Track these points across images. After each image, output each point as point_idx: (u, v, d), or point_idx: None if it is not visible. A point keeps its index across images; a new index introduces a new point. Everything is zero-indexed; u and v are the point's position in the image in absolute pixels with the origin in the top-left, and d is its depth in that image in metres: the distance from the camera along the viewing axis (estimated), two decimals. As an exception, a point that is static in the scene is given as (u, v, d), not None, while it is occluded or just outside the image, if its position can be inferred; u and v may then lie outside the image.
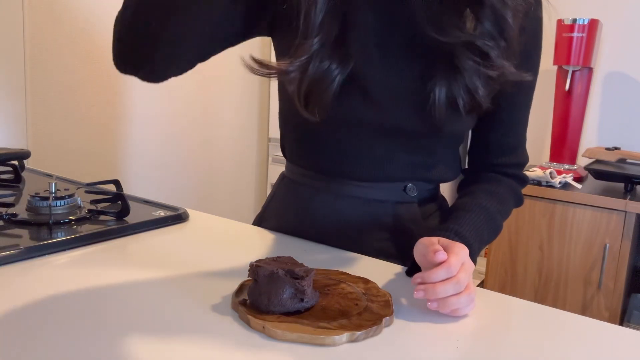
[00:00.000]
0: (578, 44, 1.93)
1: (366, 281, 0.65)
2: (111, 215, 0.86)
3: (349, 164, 0.78)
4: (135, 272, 0.66)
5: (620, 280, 1.75)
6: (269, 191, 2.66)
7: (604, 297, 1.78)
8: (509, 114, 0.79)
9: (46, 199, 0.85)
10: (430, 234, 0.67)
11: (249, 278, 0.58)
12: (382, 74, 0.71)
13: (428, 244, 0.62)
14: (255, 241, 0.83)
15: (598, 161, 1.97)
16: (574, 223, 1.80)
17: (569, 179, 1.89)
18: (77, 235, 0.76)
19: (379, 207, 0.80)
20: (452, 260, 0.58)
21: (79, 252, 0.73)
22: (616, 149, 2.02)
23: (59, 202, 0.86)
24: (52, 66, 1.70)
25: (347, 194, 0.80)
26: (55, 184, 0.90)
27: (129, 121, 1.97)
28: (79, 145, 1.82)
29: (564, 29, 1.94)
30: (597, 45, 2.02)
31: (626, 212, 1.72)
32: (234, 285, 0.63)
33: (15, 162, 1.14)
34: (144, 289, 0.62)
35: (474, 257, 0.68)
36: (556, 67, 2.05)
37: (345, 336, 0.51)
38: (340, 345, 0.51)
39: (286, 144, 0.87)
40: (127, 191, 0.96)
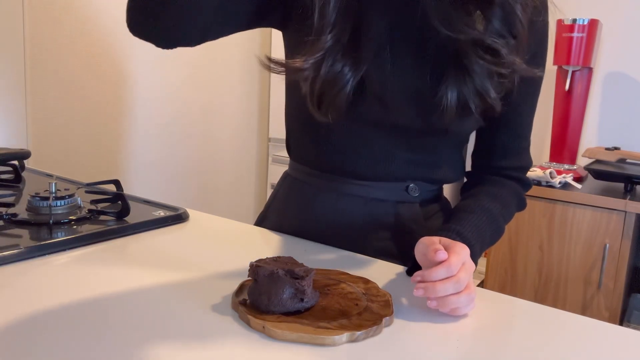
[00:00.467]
0: (578, 44, 1.93)
1: (366, 281, 0.65)
2: (111, 215, 0.86)
3: (352, 162, 0.78)
4: (135, 272, 0.66)
5: (620, 280, 1.75)
6: (269, 191, 2.66)
7: (604, 297, 1.78)
8: (514, 117, 0.79)
9: (46, 199, 0.86)
10: (432, 234, 0.67)
11: (249, 278, 0.58)
12: (392, 74, 0.71)
13: (429, 243, 0.62)
14: (255, 241, 0.83)
15: (598, 161, 1.97)
16: (574, 223, 1.80)
17: (569, 179, 1.89)
18: (77, 235, 0.76)
19: (380, 206, 0.80)
20: (453, 259, 0.58)
21: (79, 252, 0.73)
22: (616, 149, 2.02)
23: (59, 202, 0.86)
24: (52, 66, 1.70)
25: (349, 192, 0.80)
26: (55, 184, 0.90)
27: (129, 121, 1.97)
28: (79, 145, 1.82)
29: (564, 29, 1.94)
30: (597, 45, 2.02)
31: (626, 212, 1.72)
32: (234, 285, 0.63)
33: (15, 162, 1.14)
34: (144, 289, 0.62)
35: (475, 258, 0.68)
36: (556, 67, 2.05)
37: (345, 336, 0.51)
38: (340, 345, 0.51)
39: (291, 141, 0.87)
40: (127, 191, 0.96)
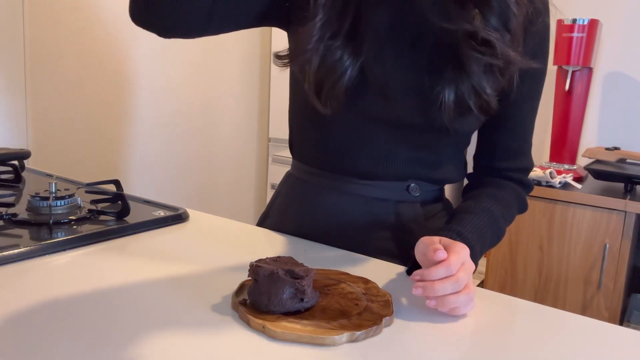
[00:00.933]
0: (578, 44, 1.93)
1: (366, 281, 0.65)
2: (111, 215, 0.86)
3: (353, 160, 0.78)
4: (135, 272, 0.66)
5: (620, 280, 1.75)
6: (269, 191, 2.66)
7: (603, 297, 1.78)
8: (515, 118, 0.79)
9: (46, 199, 0.86)
10: (432, 234, 0.67)
11: (249, 278, 0.58)
12: (392, 69, 0.72)
13: (429, 243, 0.62)
14: (255, 241, 0.83)
15: (598, 161, 1.97)
16: (574, 223, 1.80)
17: (569, 179, 1.89)
18: (77, 235, 0.76)
19: (381, 206, 0.80)
20: (452, 258, 0.58)
21: (79, 252, 0.73)
22: (616, 149, 2.02)
23: (59, 202, 0.86)
24: (52, 66, 1.70)
25: (350, 191, 0.80)
26: (55, 184, 0.90)
27: (129, 121, 1.97)
28: (79, 145, 1.82)
29: (564, 29, 1.94)
30: (597, 45, 2.02)
31: (626, 212, 1.72)
32: (234, 285, 0.63)
33: (15, 162, 1.14)
34: (144, 289, 0.62)
35: (475, 258, 0.68)
36: (556, 67, 2.05)
37: (345, 336, 0.51)
38: (340, 345, 0.51)
39: (294, 140, 0.88)
40: (127, 191, 0.96)
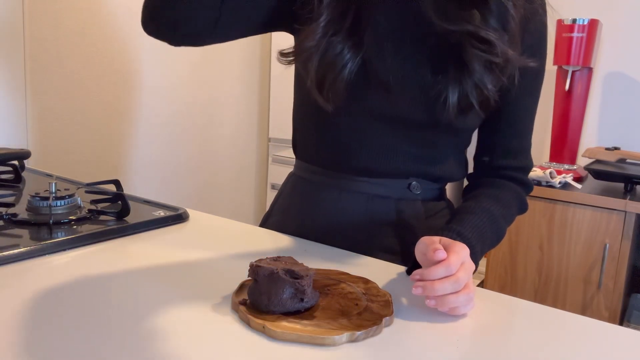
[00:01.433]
0: (578, 44, 1.93)
1: (366, 281, 0.65)
2: (111, 215, 0.86)
3: (355, 156, 0.79)
4: (135, 272, 0.66)
5: (620, 280, 1.75)
6: (269, 191, 2.66)
7: (603, 297, 1.78)
8: (514, 116, 0.80)
9: (46, 199, 0.86)
10: (433, 232, 0.68)
11: (249, 278, 0.58)
12: (393, 65, 0.73)
13: (429, 243, 0.62)
14: (255, 241, 0.83)
15: (598, 161, 1.97)
16: (574, 223, 1.80)
17: (568, 179, 1.89)
18: (77, 235, 0.76)
19: (382, 203, 0.80)
20: (452, 258, 0.58)
21: (79, 252, 0.73)
22: (616, 149, 2.02)
23: (59, 202, 0.86)
24: (52, 66, 1.70)
25: (352, 189, 0.80)
26: (55, 184, 0.90)
27: (129, 121, 1.97)
28: (79, 145, 1.82)
29: (564, 29, 1.94)
30: (597, 45, 2.02)
31: (626, 212, 1.72)
32: (234, 285, 0.63)
33: (15, 162, 1.14)
34: (144, 289, 0.62)
35: (475, 258, 0.68)
36: (556, 67, 2.05)
37: (345, 336, 0.51)
38: (340, 345, 0.51)
39: (297, 138, 0.89)
40: (127, 191, 0.96)
